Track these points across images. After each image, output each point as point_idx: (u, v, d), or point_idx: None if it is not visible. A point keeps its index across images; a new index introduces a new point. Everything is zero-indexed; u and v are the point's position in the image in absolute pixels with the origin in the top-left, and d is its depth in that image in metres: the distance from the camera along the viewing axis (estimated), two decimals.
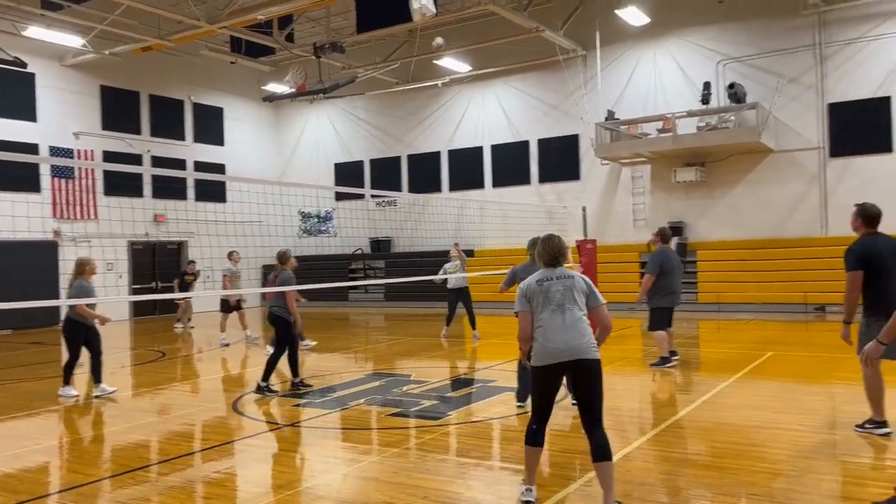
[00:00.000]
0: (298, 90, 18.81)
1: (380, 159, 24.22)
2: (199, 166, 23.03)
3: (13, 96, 18.88)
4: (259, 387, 8.58)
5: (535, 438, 4.54)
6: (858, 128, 16.81)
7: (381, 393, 8.52)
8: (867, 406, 6.01)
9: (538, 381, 4.57)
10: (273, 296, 8.88)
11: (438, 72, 21.53)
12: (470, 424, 6.91)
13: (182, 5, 16.70)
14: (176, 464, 5.87)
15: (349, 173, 24.48)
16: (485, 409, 7.53)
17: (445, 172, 22.89)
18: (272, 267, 9.40)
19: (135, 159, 20.95)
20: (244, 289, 15.69)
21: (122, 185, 20.02)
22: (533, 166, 21.25)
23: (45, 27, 17.28)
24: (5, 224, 16.95)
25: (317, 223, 25.18)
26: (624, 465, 5.22)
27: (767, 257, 17.24)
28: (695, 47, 18.73)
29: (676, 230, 17.81)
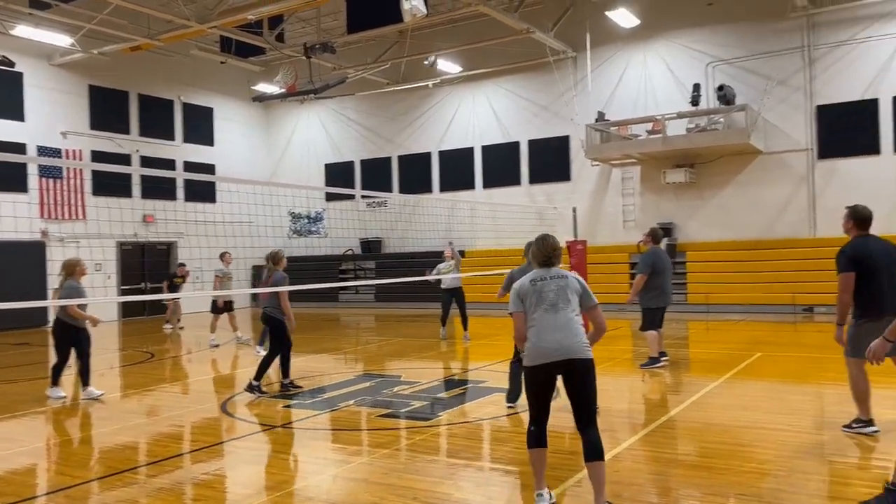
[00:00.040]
0: (289, 90, 18.77)
1: (370, 160, 24.20)
2: (189, 166, 22.93)
3: (1, 96, 18.74)
4: (251, 385, 8.56)
5: (537, 440, 4.52)
6: (846, 130, 16.93)
7: (372, 394, 8.51)
8: (854, 406, 6.07)
9: (531, 381, 4.56)
10: (267, 296, 8.88)
11: (429, 73, 21.53)
12: (460, 425, 6.91)
13: (171, 5, 16.62)
14: (165, 466, 5.85)
15: (340, 174, 24.44)
16: (475, 410, 7.54)
17: (436, 173, 22.89)
18: (261, 267, 9.37)
19: (124, 159, 20.84)
20: (235, 290, 15.64)
21: (111, 186, 19.90)
22: (523, 167, 21.28)
23: (34, 26, 17.17)
24: None
25: (307, 224, 25.12)
26: (614, 466, 5.23)
27: (756, 258, 17.33)
28: (684, 49, 18.82)
29: (666, 231, 17.83)
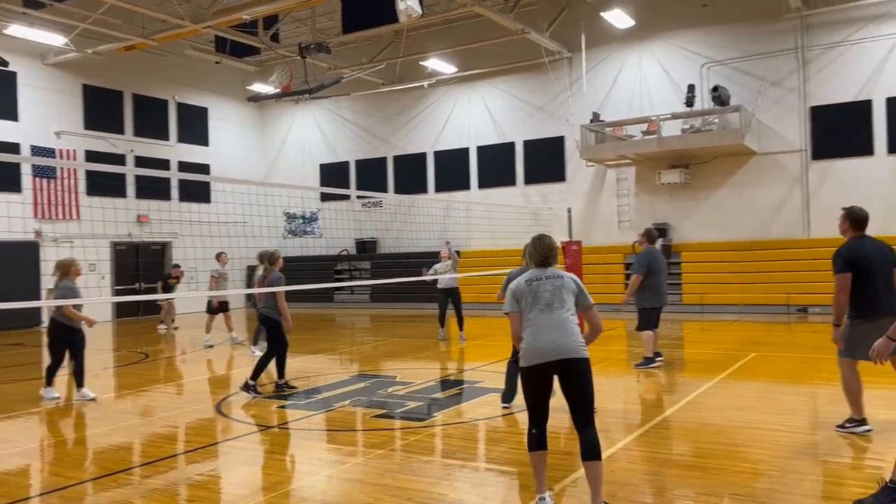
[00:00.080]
0: (284, 90, 18.73)
1: (365, 160, 24.18)
2: (184, 166, 22.87)
3: None
4: (247, 384, 8.55)
5: (538, 443, 4.49)
6: (840, 131, 16.99)
7: (367, 394, 8.51)
8: (847, 406, 6.09)
9: (527, 382, 4.54)
10: (263, 296, 8.87)
11: (424, 73, 21.54)
12: (455, 426, 6.91)
13: (166, 4, 16.58)
14: (159, 466, 5.83)
15: (335, 174, 24.41)
16: (470, 411, 7.54)
17: (431, 173, 22.88)
18: (255, 267, 9.35)
19: (118, 159, 20.77)
20: (230, 290, 15.61)
21: (105, 186, 19.86)
22: (518, 168, 21.29)
23: (28, 25, 17.09)
24: None
25: (302, 224, 25.08)
26: (609, 466, 5.23)
27: (751, 259, 17.38)
28: (679, 50, 18.86)
29: (661, 232, 17.87)
